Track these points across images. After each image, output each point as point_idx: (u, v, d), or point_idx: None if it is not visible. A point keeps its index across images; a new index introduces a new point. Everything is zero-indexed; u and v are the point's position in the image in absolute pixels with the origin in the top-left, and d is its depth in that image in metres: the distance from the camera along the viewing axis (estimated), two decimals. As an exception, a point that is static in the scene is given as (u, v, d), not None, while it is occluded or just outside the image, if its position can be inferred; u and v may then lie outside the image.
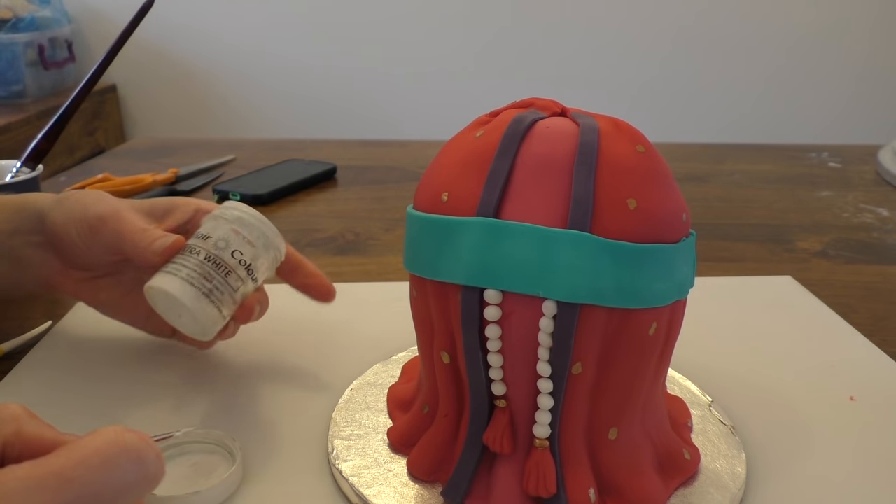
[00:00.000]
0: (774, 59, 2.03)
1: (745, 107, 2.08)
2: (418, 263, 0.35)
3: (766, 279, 0.64)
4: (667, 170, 0.34)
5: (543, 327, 0.32)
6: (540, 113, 0.35)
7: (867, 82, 2.05)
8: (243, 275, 0.43)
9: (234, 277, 0.42)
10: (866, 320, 0.58)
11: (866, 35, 2.01)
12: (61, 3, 1.98)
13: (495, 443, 0.34)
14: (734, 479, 0.38)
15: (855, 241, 0.75)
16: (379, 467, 0.38)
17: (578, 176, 0.32)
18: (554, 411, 0.33)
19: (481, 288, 0.32)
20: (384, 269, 0.65)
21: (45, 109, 1.73)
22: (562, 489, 0.34)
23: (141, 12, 0.59)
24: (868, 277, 0.66)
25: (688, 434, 0.41)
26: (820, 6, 1.98)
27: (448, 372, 0.36)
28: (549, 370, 0.32)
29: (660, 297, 0.33)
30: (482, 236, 0.32)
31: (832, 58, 2.02)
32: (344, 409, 0.43)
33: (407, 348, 0.51)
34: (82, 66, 2.07)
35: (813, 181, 0.96)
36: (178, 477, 0.38)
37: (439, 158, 0.36)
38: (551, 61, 2.06)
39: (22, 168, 0.67)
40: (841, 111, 2.07)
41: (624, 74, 2.06)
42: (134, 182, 0.86)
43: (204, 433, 0.40)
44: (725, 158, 1.06)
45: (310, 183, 0.90)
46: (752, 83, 2.05)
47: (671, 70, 2.05)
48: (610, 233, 0.31)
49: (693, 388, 0.46)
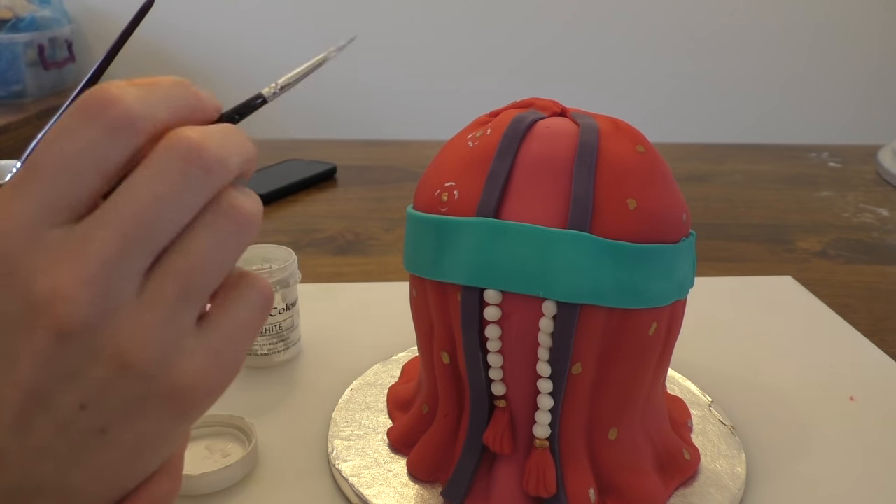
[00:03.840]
0: (774, 60, 2.03)
1: (745, 107, 2.08)
2: (418, 263, 0.35)
3: (766, 279, 0.64)
4: (667, 170, 0.34)
5: (543, 327, 0.31)
6: (540, 113, 0.35)
7: (867, 82, 2.04)
8: None
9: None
10: (866, 320, 0.58)
11: (866, 35, 2.00)
12: (61, 3, 1.98)
13: (495, 443, 0.34)
14: (734, 479, 0.38)
15: (855, 241, 0.75)
16: (379, 467, 0.38)
17: (578, 176, 0.32)
18: (554, 411, 0.33)
19: (481, 288, 0.32)
20: (384, 269, 0.65)
21: (45, 109, 1.73)
22: (562, 489, 0.34)
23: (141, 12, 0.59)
24: (868, 277, 0.66)
25: (688, 434, 0.41)
26: (820, 6, 1.98)
27: (448, 372, 0.36)
28: (548, 370, 0.32)
29: (660, 297, 0.33)
30: (482, 236, 0.32)
31: (832, 58, 2.02)
32: (344, 409, 0.43)
33: (407, 348, 0.51)
34: (82, 66, 2.07)
35: (813, 181, 0.96)
36: (194, 457, 0.39)
37: (439, 158, 0.36)
38: (551, 61, 2.06)
39: (22, 168, 0.67)
40: (841, 111, 2.07)
41: (624, 74, 2.06)
42: (134, 182, 0.86)
43: (217, 417, 0.41)
44: (725, 158, 1.06)
45: (310, 183, 0.90)
46: (753, 83, 2.05)
47: (671, 70, 2.05)
48: (610, 233, 0.31)
49: (693, 388, 0.46)
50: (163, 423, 0.22)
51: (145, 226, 0.20)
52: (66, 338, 0.20)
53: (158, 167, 0.20)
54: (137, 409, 0.21)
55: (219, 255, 0.21)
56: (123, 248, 0.20)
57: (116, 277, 0.20)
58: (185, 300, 0.21)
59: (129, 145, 0.20)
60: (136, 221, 0.20)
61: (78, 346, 0.20)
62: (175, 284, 0.21)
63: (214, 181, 0.21)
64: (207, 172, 0.21)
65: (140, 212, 0.20)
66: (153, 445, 0.22)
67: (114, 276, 0.20)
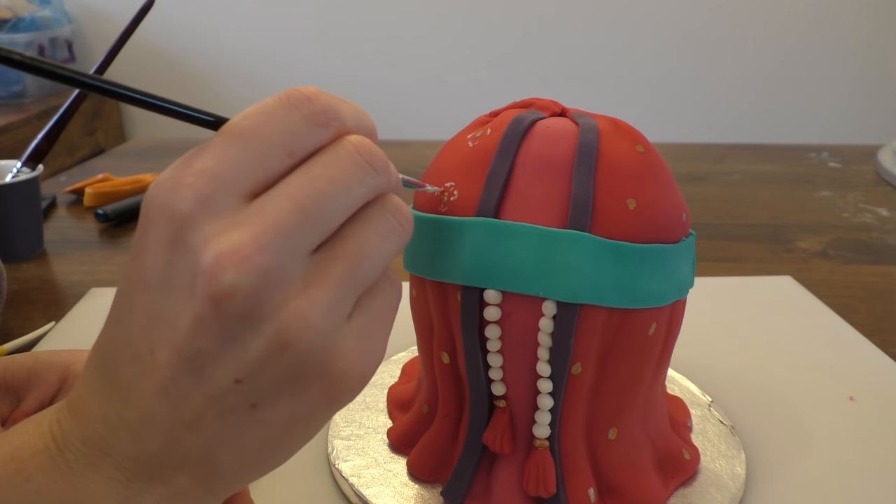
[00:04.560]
0: (774, 59, 2.03)
1: (745, 107, 2.08)
2: (418, 263, 0.35)
3: (766, 279, 0.64)
4: (666, 170, 0.34)
5: (543, 327, 0.32)
6: (539, 113, 0.35)
7: (867, 82, 2.04)
8: None
9: None
10: (866, 320, 0.58)
11: (867, 35, 2.00)
12: (61, 3, 1.98)
13: (495, 443, 0.34)
14: (734, 479, 0.38)
15: (855, 241, 0.75)
16: (379, 467, 0.38)
17: (578, 176, 0.32)
18: (554, 411, 0.33)
19: (481, 288, 0.32)
20: (384, 269, 0.65)
21: (45, 109, 1.73)
22: (562, 489, 0.34)
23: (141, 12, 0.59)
24: (868, 277, 0.66)
25: (687, 434, 0.41)
26: (820, 6, 1.98)
27: (448, 372, 0.36)
28: (548, 370, 0.32)
29: (659, 297, 0.33)
30: (482, 236, 0.32)
31: (832, 58, 2.02)
32: (344, 409, 0.43)
33: (407, 348, 0.51)
34: (82, 66, 2.07)
35: (813, 181, 0.96)
36: None
37: (439, 158, 0.36)
38: (551, 61, 2.06)
39: (22, 168, 0.67)
40: (841, 111, 2.07)
41: (624, 74, 2.06)
42: (134, 182, 0.86)
43: None
44: (725, 158, 1.06)
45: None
46: (753, 83, 2.05)
47: (671, 70, 2.05)
48: (610, 233, 0.31)
49: (693, 388, 0.46)
50: (314, 407, 0.22)
51: (320, 204, 0.21)
52: (230, 306, 0.20)
53: (335, 154, 0.22)
54: (291, 390, 0.21)
55: (383, 247, 0.22)
56: (299, 222, 0.21)
57: (288, 251, 0.20)
58: (351, 284, 0.22)
59: (320, 136, 0.22)
60: (312, 198, 0.21)
61: (240, 316, 0.20)
62: (344, 266, 0.21)
63: (381, 180, 0.23)
64: (376, 170, 0.22)
65: (316, 190, 0.21)
66: (300, 428, 0.23)
67: (286, 248, 0.20)
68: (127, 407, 0.21)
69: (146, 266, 0.21)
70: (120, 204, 0.79)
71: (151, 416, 0.21)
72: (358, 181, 0.22)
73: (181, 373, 0.21)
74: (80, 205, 0.83)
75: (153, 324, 0.21)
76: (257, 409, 0.21)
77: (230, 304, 0.20)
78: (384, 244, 0.23)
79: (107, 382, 0.22)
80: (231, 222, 0.20)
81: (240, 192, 0.21)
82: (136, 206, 0.80)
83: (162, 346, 0.21)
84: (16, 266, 0.66)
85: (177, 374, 0.21)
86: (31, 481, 0.21)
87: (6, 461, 0.22)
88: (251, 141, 0.21)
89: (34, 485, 0.21)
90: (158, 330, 0.21)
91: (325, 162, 0.22)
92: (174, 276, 0.20)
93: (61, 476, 0.21)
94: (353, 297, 0.22)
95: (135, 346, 0.21)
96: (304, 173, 0.21)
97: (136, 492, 0.22)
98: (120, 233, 0.76)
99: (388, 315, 0.24)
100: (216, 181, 0.20)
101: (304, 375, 0.21)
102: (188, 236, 0.20)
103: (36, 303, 0.58)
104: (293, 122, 0.21)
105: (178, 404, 0.21)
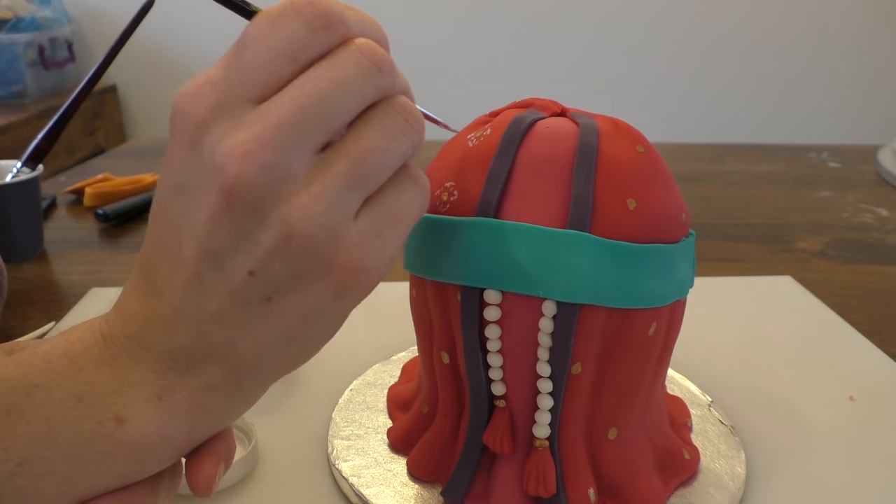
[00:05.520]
0: (774, 60, 2.03)
1: (745, 107, 2.08)
2: (418, 263, 0.35)
3: (766, 279, 0.64)
4: (666, 170, 0.34)
5: (543, 327, 0.32)
6: (539, 113, 0.35)
7: (867, 82, 2.04)
8: None
9: None
10: (866, 320, 0.58)
11: (867, 35, 2.00)
12: (61, 3, 1.98)
13: (495, 443, 0.34)
14: (734, 479, 0.38)
15: (855, 241, 0.75)
16: (379, 467, 0.38)
17: (578, 176, 0.32)
18: (554, 411, 0.33)
19: (481, 288, 0.32)
20: (384, 269, 0.65)
21: (45, 109, 1.73)
22: (561, 489, 0.34)
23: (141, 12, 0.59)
24: (868, 277, 0.66)
25: (687, 434, 0.41)
26: (821, 6, 1.98)
27: (448, 372, 0.36)
28: (548, 370, 0.32)
29: (659, 297, 0.33)
30: (482, 236, 0.32)
31: (833, 58, 2.02)
32: (344, 409, 0.43)
33: (407, 348, 0.51)
34: (82, 66, 2.07)
35: (813, 181, 0.96)
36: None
37: (439, 158, 0.36)
38: (551, 61, 2.05)
39: (22, 168, 0.67)
40: (841, 111, 2.07)
41: (624, 74, 2.06)
42: (134, 182, 0.86)
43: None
44: (725, 158, 1.06)
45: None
46: (752, 83, 2.05)
47: (672, 70, 2.05)
48: (609, 233, 0.31)
49: (693, 388, 0.46)
50: (324, 300, 0.23)
51: (322, 103, 0.22)
52: (238, 198, 0.22)
53: (338, 57, 0.23)
54: (300, 282, 0.23)
55: (388, 146, 0.23)
56: (300, 119, 0.22)
57: (290, 145, 0.22)
58: (353, 183, 0.23)
59: (323, 41, 0.23)
60: (314, 98, 0.22)
61: (249, 209, 0.22)
62: (345, 165, 0.22)
63: (387, 80, 0.23)
64: (381, 71, 0.23)
65: (318, 91, 0.22)
66: (315, 322, 0.24)
67: (288, 143, 0.22)
68: (162, 302, 0.23)
69: (172, 170, 0.23)
70: (120, 204, 0.79)
71: (181, 310, 0.23)
72: (361, 80, 0.23)
73: (204, 266, 0.23)
74: (80, 205, 0.83)
75: (179, 221, 0.23)
76: (272, 301, 0.23)
77: (238, 195, 0.21)
78: (391, 143, 0.23)
79: (148, 281, 0.24)
80: (241, 122, 0.22)
81: (248, 98, 0.22)
82: (136, 206, 0.80)
83: (187, 242, 0.23)
84: (16, 266, 0.66)
85: (200, 268, 0.23)
86: (82, 371, 0.24)
87: (62, 354, 0.24)
88: (256, 49, 0.22)
89: (85, 374, 0.24)
90: (184, 226, 0.23)
91: (327, 65, 0.22)
92: (193, 176, 0.22)
93: (107, 367, 0.24)
94: (358, 195, 0.23)
95: (167, 245, 0.23)
96: (307, 75, 0.22)
97: (171, 383, 0.24)
98: (120, 233, 0.76)
99: (402, 215, 0.24)
100: (226, 89, 0.22)
101: (311, 269, 0.23)
102: (203, 139, 0.22)
103: (36, 303, 0.58)
104: (295, 28, 0.22)
105: (203, 298, 0.23)
